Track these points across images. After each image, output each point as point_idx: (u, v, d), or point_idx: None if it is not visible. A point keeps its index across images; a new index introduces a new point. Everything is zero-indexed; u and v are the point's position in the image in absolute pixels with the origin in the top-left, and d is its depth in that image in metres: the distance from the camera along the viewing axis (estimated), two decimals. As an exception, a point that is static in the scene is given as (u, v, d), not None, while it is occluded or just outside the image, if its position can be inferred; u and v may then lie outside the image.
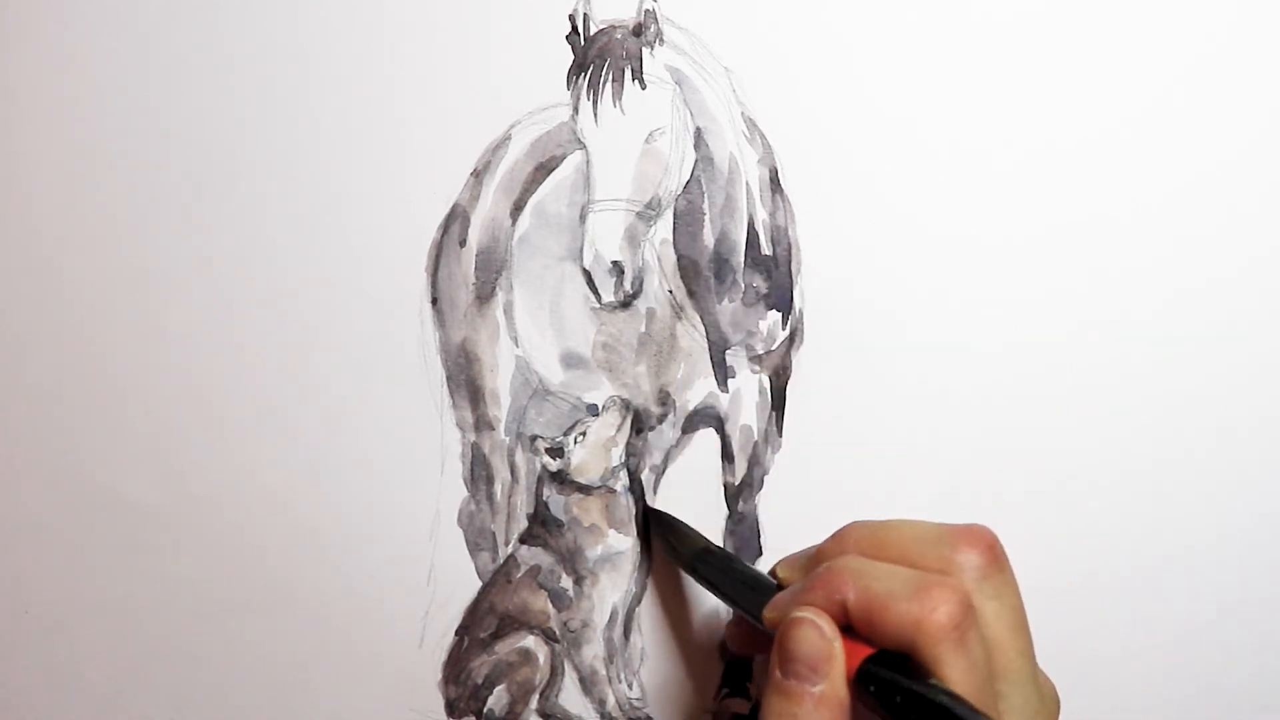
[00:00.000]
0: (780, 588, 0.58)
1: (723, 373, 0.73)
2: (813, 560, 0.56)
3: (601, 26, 0.71)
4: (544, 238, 0.72)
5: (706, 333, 0.73)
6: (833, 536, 0.56)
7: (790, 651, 0.49)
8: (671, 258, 0.72)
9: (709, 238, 0.72)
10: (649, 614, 0.73)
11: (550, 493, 0.73)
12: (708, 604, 0.74)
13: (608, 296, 0.71)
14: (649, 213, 0.71)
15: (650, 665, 0.73)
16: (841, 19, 0.72)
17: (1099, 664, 0.74)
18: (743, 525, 0.75)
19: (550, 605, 0.73)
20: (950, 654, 0.45)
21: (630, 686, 0.74)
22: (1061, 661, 0.74)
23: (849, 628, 0.50)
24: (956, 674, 0.44)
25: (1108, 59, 0.73)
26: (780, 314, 0.73)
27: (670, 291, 0.72)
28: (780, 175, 0.72)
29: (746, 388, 0.73)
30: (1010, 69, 0.72)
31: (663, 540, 0.71)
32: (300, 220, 0.70)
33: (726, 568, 0.66)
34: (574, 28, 0.70)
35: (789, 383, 0.73)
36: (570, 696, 0.73)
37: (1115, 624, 0.75)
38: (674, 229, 0.72)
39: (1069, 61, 0.73)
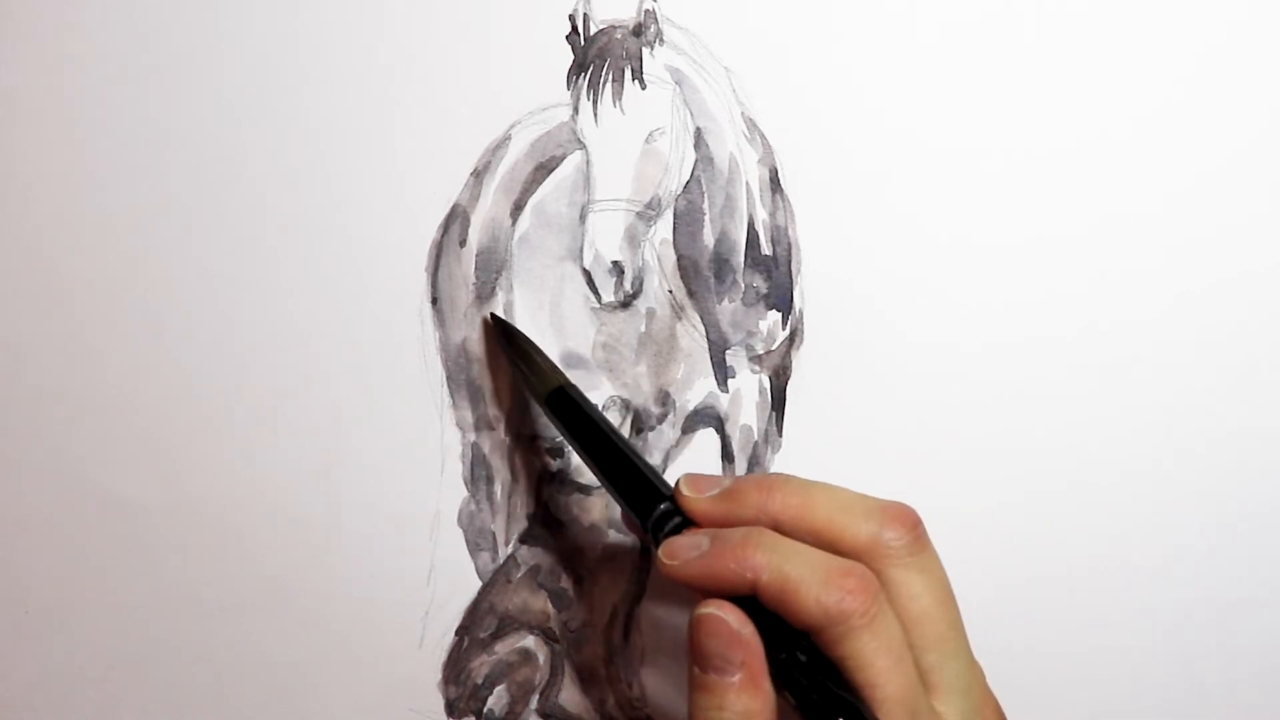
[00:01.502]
0: (672, 499, 0.56)
1: (723, 373, 0.73)
2: (727, 498, 0.55)
3: (601, 26, 0.70)
4: (544, 238, 0.72)
5: (706, 333, 0.73)
6: (757, 484, 0.54)
7: (704, 648, 0.50)
8: (671, 258, 0.72)
9: (709, 238, 0.72)
10: (649, 614, 0.73)
11: (551, 493, 0.72)
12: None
13: (608, 296, 0.71)
14: (649, 213, 0.71)
15: (650, 665, 0.73)
16: (842, 19, 0.72)
17: (1099, 661, 0.74)
18: (743, 525, 0.75)
19: (550, 605, 0.73)
20: (859, 635, 0.47)
21: (630, 686, 0.74)
22: (1062, 657, 0.74)
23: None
24: (868, 652, 0.47)
25: (1110, 59, 0.73)
26: (780, 314, 0.73)
27: (670, 291, 0.72)
28: (780, 175, 0.72)
29: (746, 388, 0.73)
30: (1012, 69, 0.72)
31: (511, 362, 0.65)
32: (300, 220, 0.70)
33: (602, 438, 0.61)
34: (574, 28, 0.70)
35: (789, 383, 0.73)
36: (570, 696, 0.73)
37: (1117, 622, 0.75)
38: (674, 229, 0.72)
39: (1071, 61, 0.73)
